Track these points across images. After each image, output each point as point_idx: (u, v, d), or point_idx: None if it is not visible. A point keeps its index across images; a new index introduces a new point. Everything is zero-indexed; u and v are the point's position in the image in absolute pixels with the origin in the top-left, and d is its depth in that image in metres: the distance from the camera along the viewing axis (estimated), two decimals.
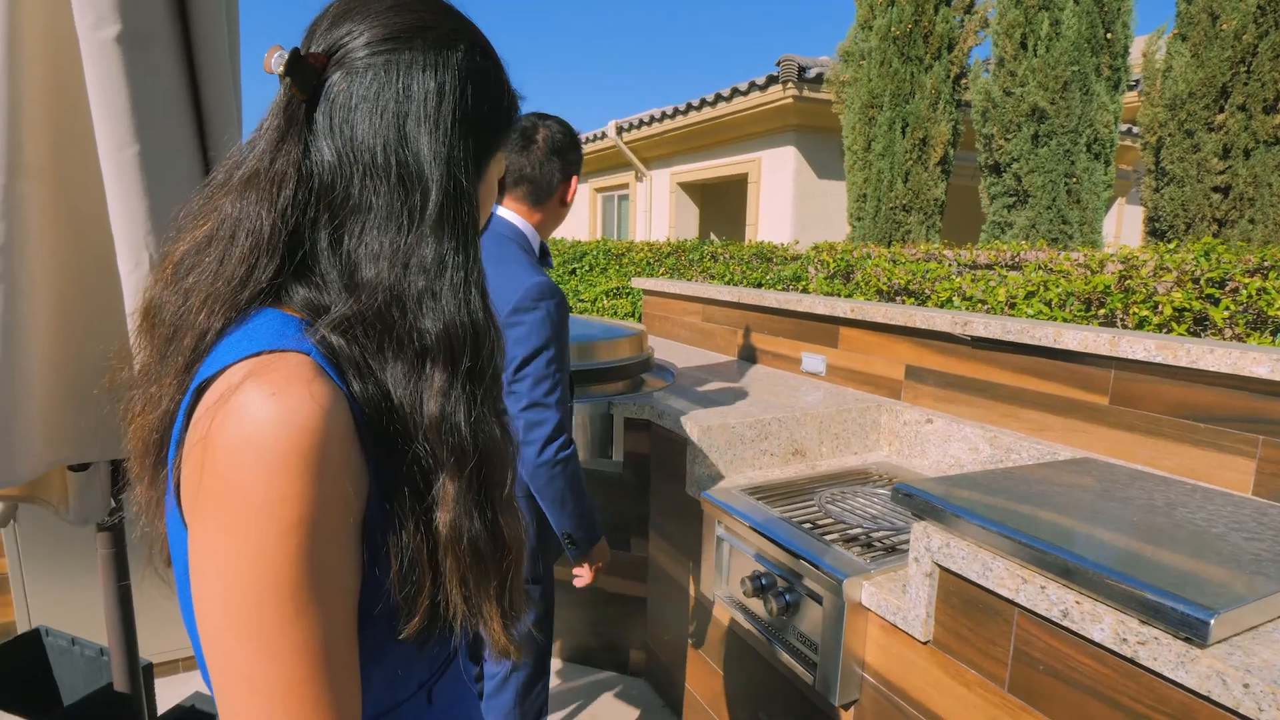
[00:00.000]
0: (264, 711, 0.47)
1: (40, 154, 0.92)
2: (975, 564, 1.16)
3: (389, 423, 0.55)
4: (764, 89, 6.66)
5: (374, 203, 0.55)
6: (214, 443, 0.47)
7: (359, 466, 0.52)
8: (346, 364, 0.53)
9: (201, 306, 0.55)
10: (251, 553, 0.46)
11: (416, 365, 0.55)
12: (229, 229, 0.55)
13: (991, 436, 1.89)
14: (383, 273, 0.55)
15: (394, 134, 0.55)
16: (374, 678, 0.59)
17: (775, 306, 2.74)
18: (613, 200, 10.26)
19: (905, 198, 4.78)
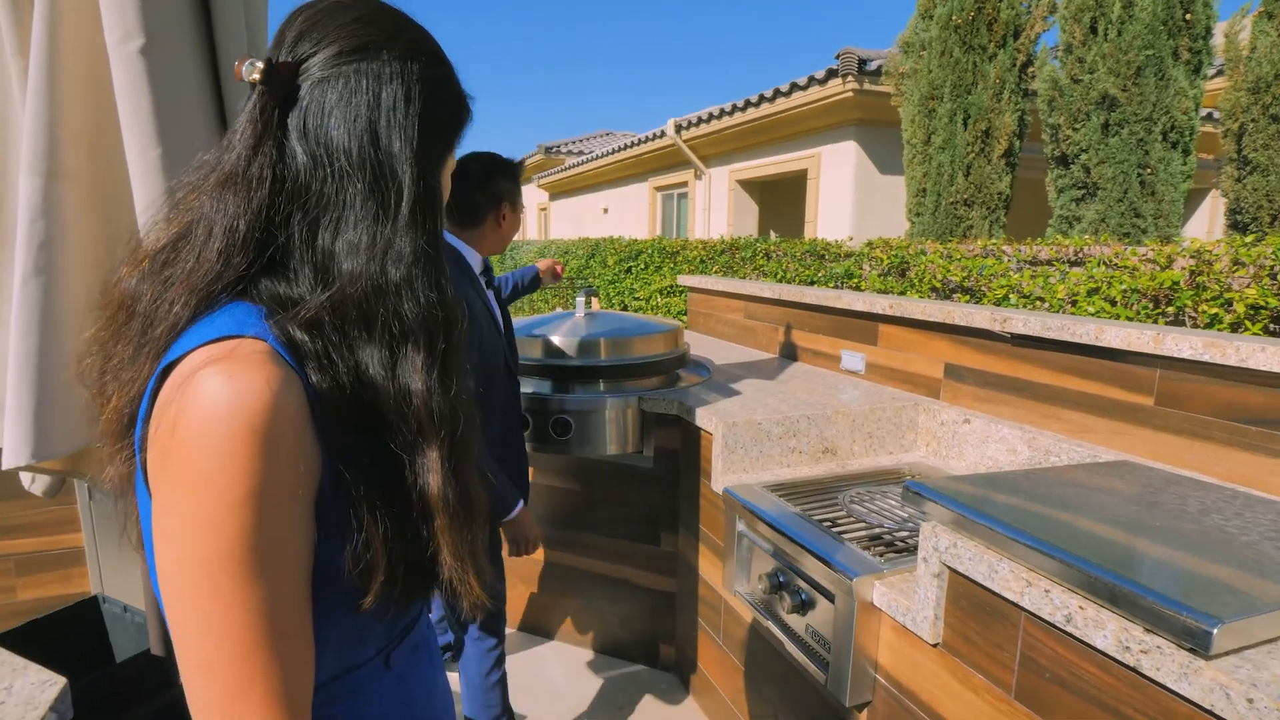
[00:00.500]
0: (216, 667, 0.51)
1: (78, 158, 1.01)
2: (982, 565, 1.12)
3: (357, 405, 0.58)
4: (823, 83, 6.54)
5: (349, 200, 0.59)
6: (176, 421, 0.51)
7: (311, 447, 0.55)
8: (306, 354, 0.56)
9: (177, 298, 0.58)
10: (206, 522, 0.50)
11: (399, 347, 0.60)
12: (205, 225, 0.59)
13: (1030, 438, 1.81)
14: (364, 264, 0.58)
15: (367, 137, 0.59)
16: (331, 642, 0.62)
17: (815, 303, 2.70)
18: (672, 199, 10.26)
19: (966, 192, 4.61)
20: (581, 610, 2.57)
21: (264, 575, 0.51)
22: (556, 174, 13.37)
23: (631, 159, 10.33)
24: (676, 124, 8.85)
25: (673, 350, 2.49)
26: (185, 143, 1.01)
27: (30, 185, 0.96)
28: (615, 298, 7.25)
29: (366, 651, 0.67)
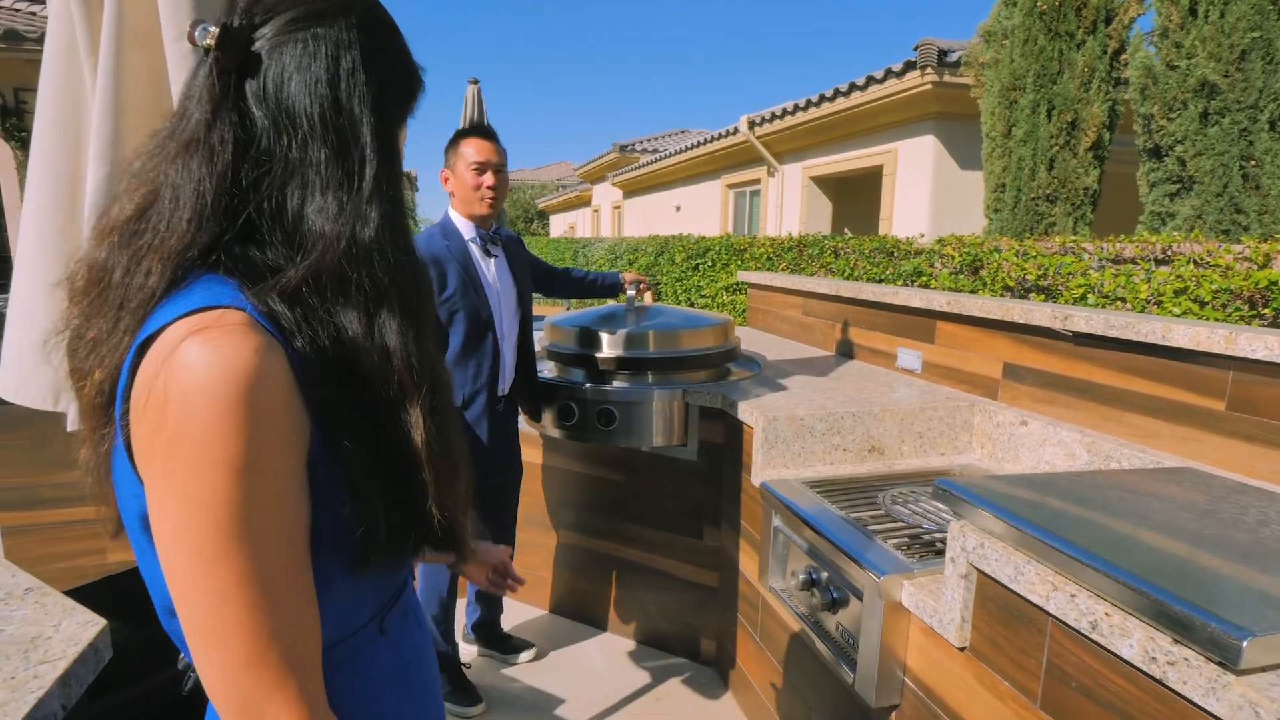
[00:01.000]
0: (228, 636, 0.52)
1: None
2: (1008, 567, 1.07)
3: (340, 369, 0.59)
4: (901, 76, 6.34)
5: (315, 165, 0.59)
6: (163, 395, 0.51)
7: (299, 412, 0.56)
8: (286, 322, 0.57)
9: (152, 268, 0.57)
10: (206, 491, 0.50)
11: (373, 310, 0.60)
12: (173, 193, 0.58)
13: (1090, 442, 1.72)
14: (335, 228, 0.59)
15: (328, 101, 0.60)
16: (329, 608, 0.62)
17: (872, 299, 2.63)
18: (744, 196, 10.16)
19: (1049, 187, 4.38)
20: (624, 600, 2.59)
21: (266, 541, 0.52)
22: (630, 172, 13.46)
23: (704, 156, 10.30)
24: (749, 120, 8.76)
25: (721, 344, 2.48)
26: None
27: (98, 172, 1.06)
28: (682, 295, 7.25)
29: (361, 617, 0.69)
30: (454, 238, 2.08)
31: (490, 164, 2.06)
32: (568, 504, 2.66)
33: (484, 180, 2.06)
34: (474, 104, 5.74)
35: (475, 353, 2.08)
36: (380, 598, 0.71)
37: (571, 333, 2.44)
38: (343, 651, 0.67)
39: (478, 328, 2.06)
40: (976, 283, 3.76)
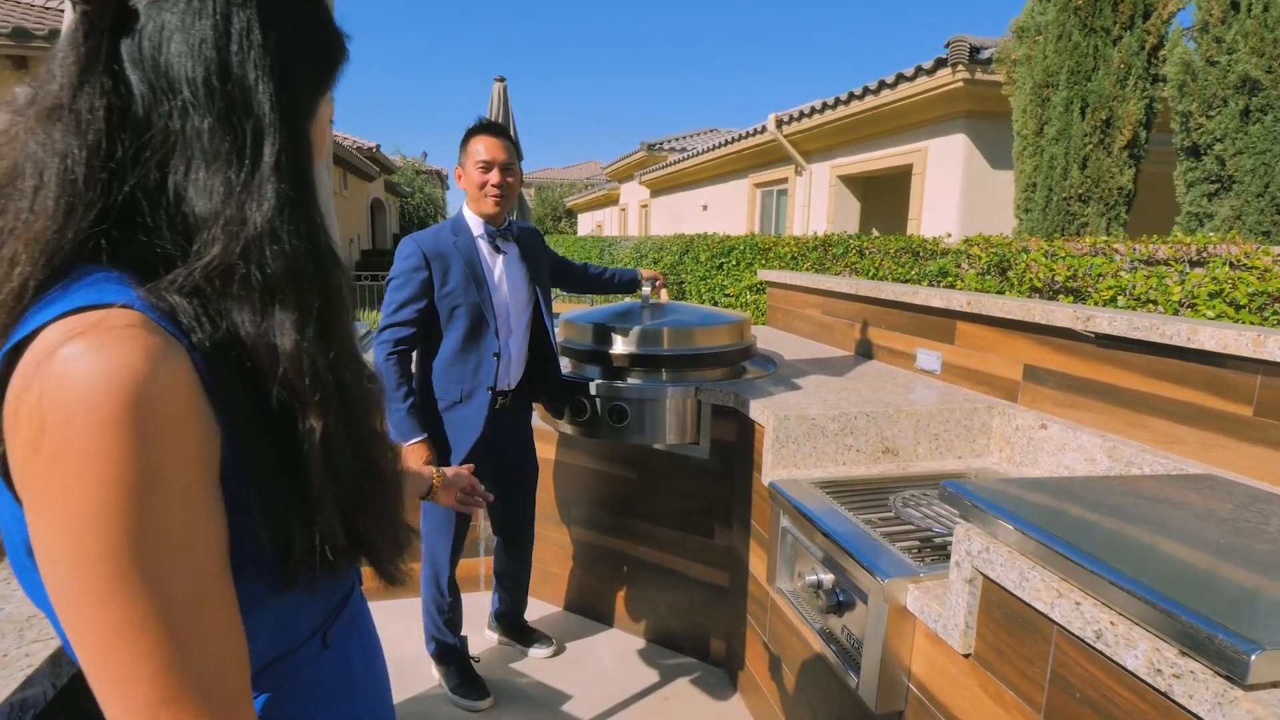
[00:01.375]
0: (134, 676, 0.45)
1: None
2: (1013, 572, 1.04)
3: (243, 368, 0.53)
4: (931, 73, 6.23)
5: (200, 139, 0.52)
6: (38, 410, 0.44)
7: (205, 419, 0.49)
8: (183, 316, 0.50)
9: (19, 254, 0.50)
10: (96, 517, 0.44)
11: (265, 306, 0.53)
12: (35, 167, 0.51)
13: (1111, 447, 1.66)
14: (220, 214, 0.52)
15: (215, 66, 0.52)
16: (259, 628, 0.58)
17: (891, 299, 2.59)
18: (771, 195, 10.09)
19: (1082, 186, 4.27)
20: (634, 598, 2.58)
21: (172, 567, 0.46)
22: (657, 171, 13.44)
23: (732, 155, 10.24)
24: (777, 119, 8.69)
25: (736, 343, 2.46)
26: None
27: None
28: (706, 294, 7.22)
29: (301, 632, 0.64)
30: (463, 233, 2.10)
31: (496, 162, 2.06)
32: (580, 500, 2.66)
33: (489, 178, 2.06)
34: (500, 102, 5.77)
35: (475, 348, 2.09)
36: (322, 610, 0.67)
37: (585, 329, 2.43)
38: (282, 669, 0.62)
39: (478, 324, 2.07)
40: (1004, 284, 3.68)
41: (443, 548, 2.17)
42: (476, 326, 2.07)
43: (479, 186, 2.07)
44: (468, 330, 2.06)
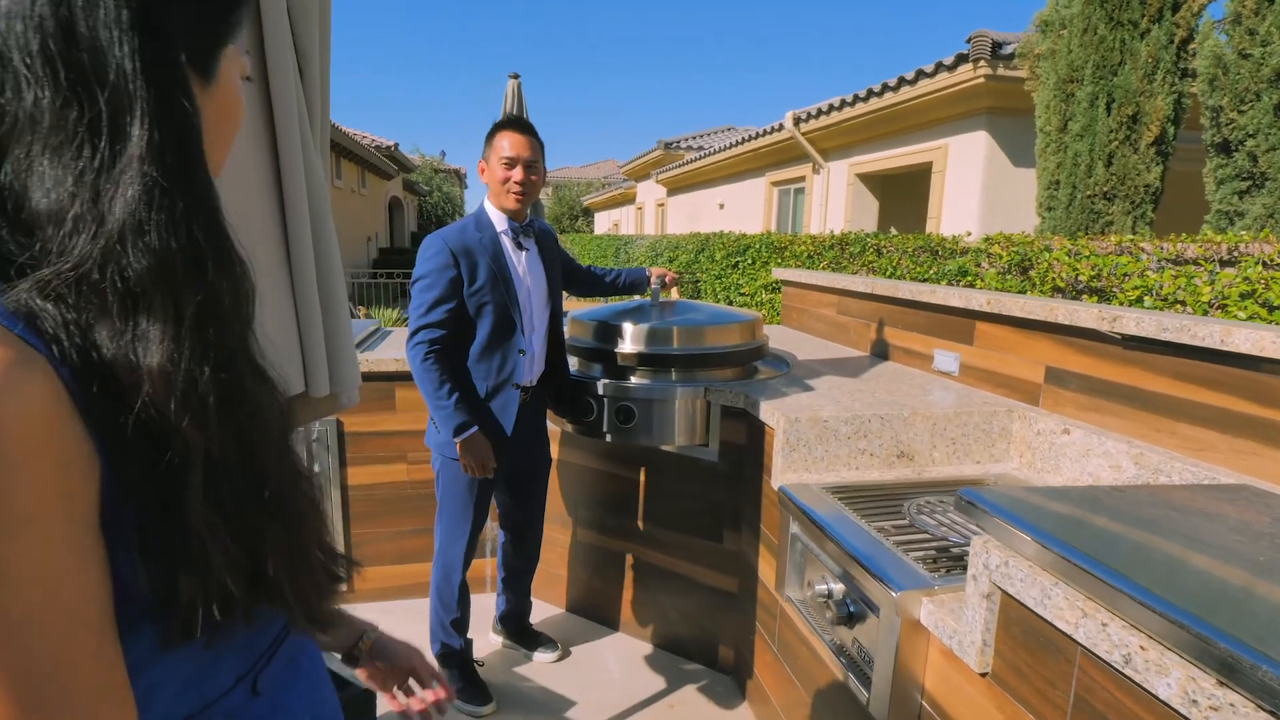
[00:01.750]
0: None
1: None
2: (1034, 589, 0.98)
3: (114, 386, 0.44)
4: (952, 69, 6.12)
5: (40, 120, 0.43)
6: None
7: (75, 444, 0.42)
8: (45, 322, 0.42)
9: None
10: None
11: (126, 316, 0.44)
12: None
13: (1138, 454, 1.59)
14: (67, 210, 0.43)
15: (53, 26, 0.42)
16: (164, 682, 0.51)
17: (908, 298, 2.52)
18: (788, 194, 9.99)
19: (1107, 184, 4.15)
20: (641, 602, 2.53)
21: (34, 623, 0.40)
22: (673, 170, 13.38)
23: (748, 153, 10.16)
24: (795, 116, 8.59)
25: (748, 342, 2.40)
26: None
27: None
28: (721, 293, 7.15)
29: (223, 682, 0.57)
30: (486, 229, 2.06)
31: (520, 159, 2.04)
32: (585, 501, 2.61)
33: (513, 175, 2.04)
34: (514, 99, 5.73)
35: (501, 345, 2.06)
36: (248, 656, 0.59)
37: (591, 326, 2.38)
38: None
39: (505, 320, 2.05)
40: (1025, 283, 3.58)
41: (457, 547, 2.13)
42: (503, 323, 2.05)
43: (501, 182, 2.05)
44: (495, 327, 2.03)
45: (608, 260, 12.82)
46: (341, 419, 2.59)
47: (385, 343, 2.90)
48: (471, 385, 2.05)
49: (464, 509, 2.11)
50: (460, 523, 2.12)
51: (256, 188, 1.13)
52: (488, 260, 2.02)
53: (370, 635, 0.91)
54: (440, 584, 2.16)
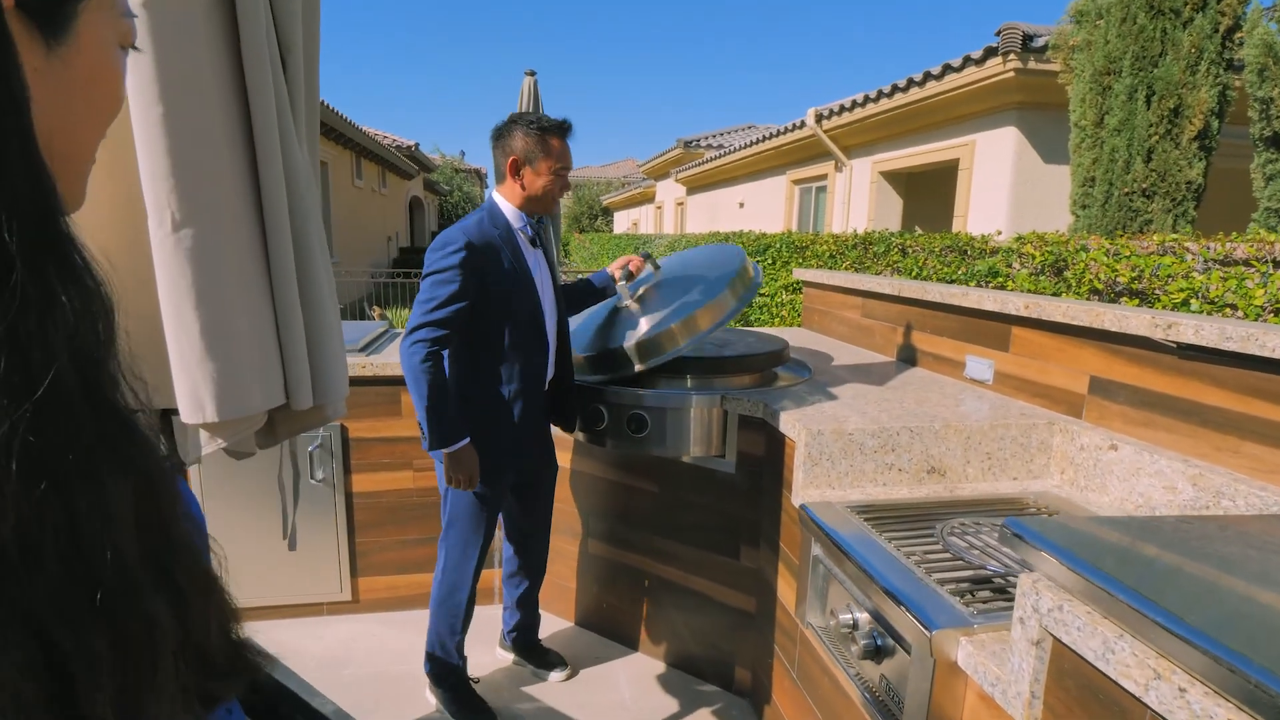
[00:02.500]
0: None
1: None
2: (1094, 640, 0.85)
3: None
4: (980, 63, 5.94)
5: None
6: None
7: None
8: None
9: None
10: None
11: None
12: None
13: (1196, 474, 1.45)
14: None
15: None
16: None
17: (938, 301, 2.38)
18: (810, 192, 9.82)
19: (1146, 180, 3.97)
20: (654, 619, 2.42)
21: None
22: (693, 168, 13.24)
23: (769, 151, 10.00)
24: (816, 113, 8.43)
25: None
26: (189, 104, 0.97)
27: None
28: None
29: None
30: (501, 226, 1.95)
31: (570, 169, 1.99)
32: (598, 512, 2.51)
33: (562, 184, 1.98)
34: (530, 97, 5.65)
35: (525, 347, 1.97)
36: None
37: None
38: None
39: (529, 320, 1.96)
40: (1059, 285, 3.42)
41: (469, 565, 2.03)
42: (527, 322, 1.95)
43: (551, 188, 1.96)
44: (519, 327, 1.94)
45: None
46: (346, 424, 2.51)
47: (393, 345, 2.82)
48: (478, 399, 1.95)
49: (476, 524, 2.01)
50: (473, 539, 2.02)
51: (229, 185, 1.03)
52: (508, 257, 1.92)
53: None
54: (445, 600, 2.06)
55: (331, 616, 2.62)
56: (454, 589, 2.05)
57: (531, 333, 1.98)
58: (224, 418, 1.04)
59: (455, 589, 2.05)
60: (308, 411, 1.22)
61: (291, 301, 1.13)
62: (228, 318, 1.03)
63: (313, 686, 1.19)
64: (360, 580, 2.62)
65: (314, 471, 2.48)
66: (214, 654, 0.45)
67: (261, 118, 1.05)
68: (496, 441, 1.96)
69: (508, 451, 2.01)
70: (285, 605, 2.58)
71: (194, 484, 2.42)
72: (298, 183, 1.13)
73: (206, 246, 1.00)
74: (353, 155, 14.25)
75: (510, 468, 2.03)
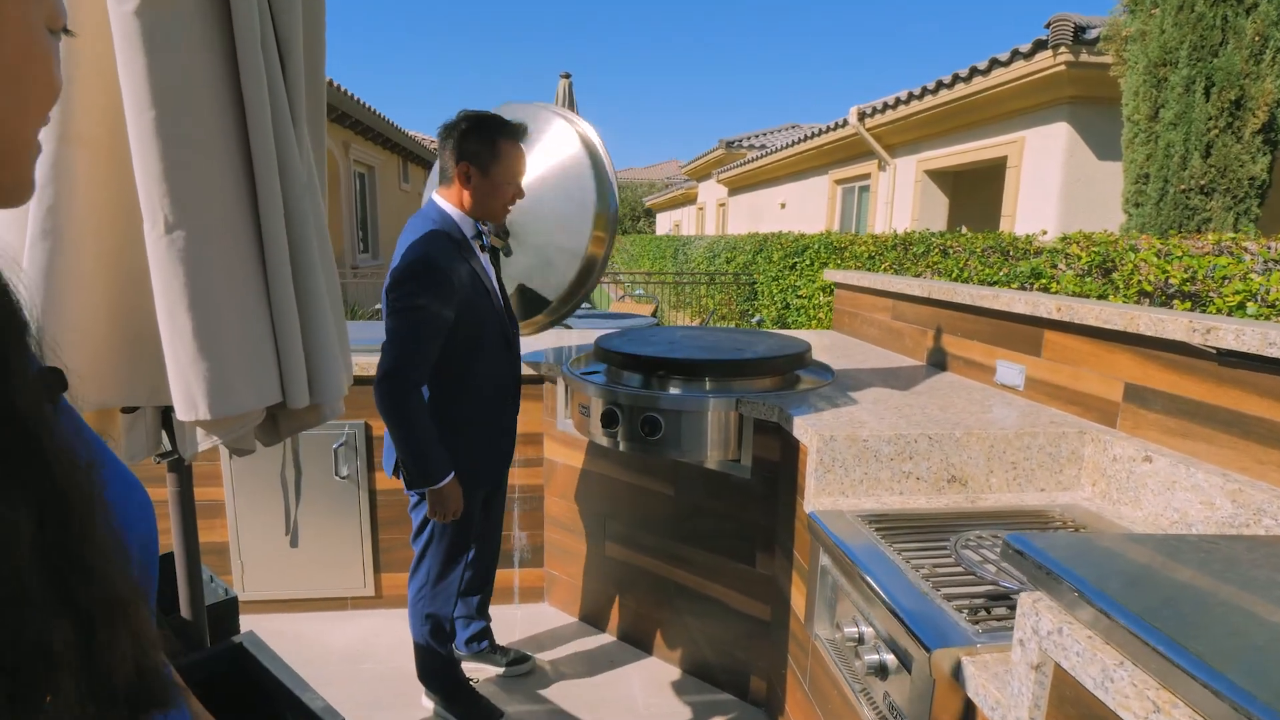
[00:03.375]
0: None
1: (92, 124, 1.02)
2: (1093, 667, 0.80)
3: None
4: (1029, 57, 5.73)
5: None
6: None
7: None
8: None
9: None
10: None
11: None
12: None
13: (1235, 489, 1.35)
14: None
15: None
16: None
17: (968, 303, 2.29)
18: (852, 192, 9.63)
19: (1205, 177, 3.76)
20: (669, 624, 2.39)
21: None
22: (734, 169, 13.14)
23: (811, 150, 9.85)
24: (859, 111, 8.26)
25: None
26: (181, 109, 0.98)
27: (44, 149, 0.97)
28: (778, 295, 6.93)
29: None
30: (458, 238, 1.85)
31: (522, 175, 1.91)
32: (613, 514, 2.49)
33: (516, 195, 1.90)
34: (565, 99, 5.68)
35: (495, 356, 1.95)
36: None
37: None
38: None
39: (497, 335, 1.94)
40: (1107, 287, 3.27)
41: (458, 570, 2.01)
42: (497, 336, 1.94)
43: (505, 199, 1.88)
44: (490, 343, 1.92)
45: (665, 262, 12.68)
46: (369, 423, 2.55)
47: None
48: (451, 415, 1.88)
49: (463, 534, 1.98)
50: (462, 547, 2.00)
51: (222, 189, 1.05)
52: (470, 273, 1.84)
53: None
54: (441, 608, 2.00)
55: (355, 611, 2.66)
56: (449, 594, 2.01)
57: (501, 345, 1.95)
58: (216, 416, 1.05)
59: (449, 595, 2.01)
60: (305, 410, 1.24)
61: (287, 303, 1.14)
62: (220, 318, 1.04)
63: (305, 682, 1.20)
64: (383, 576, 2.66)
65: (339, 468, 2.53)
66: (119, 683, 0.43)
67: (256, 123, 1.06)
68: (481, 459, 1.95)
69: (493, 466, 2.01)
70: (310, 599, 2.63)
71: (225, 480, 2.49)
72: (294, 187, 1.14)
73: (198, 249, 1.01)
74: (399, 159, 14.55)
75: (497, 481, 2.04)
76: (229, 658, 1.28)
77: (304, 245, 1.17)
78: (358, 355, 2.55)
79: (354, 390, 2.51)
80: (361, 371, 2.50)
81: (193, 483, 1.36)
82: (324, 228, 1.28)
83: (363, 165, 12.44)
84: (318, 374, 1.20)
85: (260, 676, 1.22)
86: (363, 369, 2.50)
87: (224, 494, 2.50)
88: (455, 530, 1.96)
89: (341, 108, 10.01)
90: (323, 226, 1.27)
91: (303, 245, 1.17)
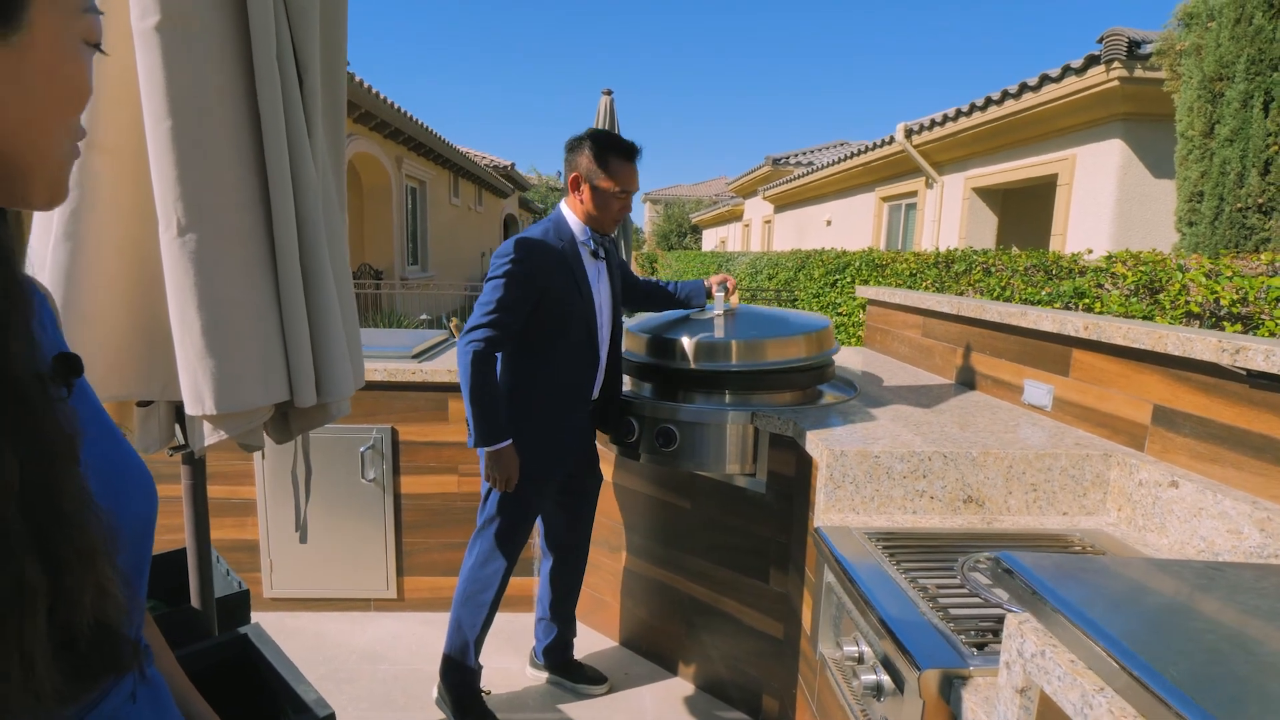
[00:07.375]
0: None
1: (118, 132, 1.08)
2: (1073, 692, 0.77)
3: None
4: (1081, 72, 5.59)
5: None
6: None
7: None
8: None
9: None
10: None
11: None
12: None
13: (1265, 518, 1.28)
14: None
15: None
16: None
17: (996, 321, 2.23)
18: (899, 209, 9.49)
19: (1264, 195, 3.60)
20: (685, 638, 2.37)
21: None
22: (780, 185, 13.09)
23: (858, 168, 9.76)
24: (906, 128, 8.16)
25: (811, 358, 2.20)
26: (198, 119, 1.04)
27: None
28: (819, 311, 6.85)
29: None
30: (566, 238, 2.00)
31: (633, 192, 2.02)
32: (634, 527, 2.49)
33: (624, 205, 2.02)
34: (607, 116, 5.75)
35: (579, 357, 2.02)
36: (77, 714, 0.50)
37: (640, 340, 2.27)
38: None
39: (583, 331, 2.01)
40: (1153, 308, 3.14)
41: (501, 560, 2.05)
42: (581, 334, 2.00)
43: (612, 209, 2.01)
44: (573, 338, 1.99)
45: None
46: (396, 427, 2.61)
47: (447, 354, 2.91)
48: (531, 405, 1.99)
49: (513, 527, 2.05)
50: (508, 541, 2.05)
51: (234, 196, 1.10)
52: (569, 269, 1.97)
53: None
54: (472, 598, 2.05)
55: (378, 613, 2.71)
56: (483, 587, 2.06)
57: (584, 344, 2.02)
58: (222, 410, 1.10)
59: (484, 588, 2.06)
60: (313, 409, 1.28)
61: (297, 306, 1.18)
62: (228, 318, 1.09)
63: (301, 674, 1.23)
64: (406, 579, 2.71)
65: (365, 471, 2.59)
66: (81, 633, 0.46)
67: (271, 135, 1.11)
68: (542, 447, 2.00)
69: (552, 458, 2.04)
70: (335, 599, 2.69)
71: (258, 480, 2.58)
72: (307, 195, 1.19)
73: (210, 251, 1.06)
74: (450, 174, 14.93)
75: (553, 475, 2.06)
76: (235, 648, 1.32)
77: (315, 251, 1.22)
78: (384, 361, 2.62)
79: (381, 396, 2.60)
80: (390, 378, 2.57)
81: (205, 477, 1.41)
82: (338, 235, 1.33)
83: (414, 180, 12.80)
84: (325, 373, 1.24)
85: (258, 664, 1.26)
86: (390, 375, 2.57)
87: (255, 494, 2.58)
88: (511, 507, 2.02)
89: (395, 124, 10.34)
90: (337, 233, 1.32)
91: (314, 251, 1.21)
